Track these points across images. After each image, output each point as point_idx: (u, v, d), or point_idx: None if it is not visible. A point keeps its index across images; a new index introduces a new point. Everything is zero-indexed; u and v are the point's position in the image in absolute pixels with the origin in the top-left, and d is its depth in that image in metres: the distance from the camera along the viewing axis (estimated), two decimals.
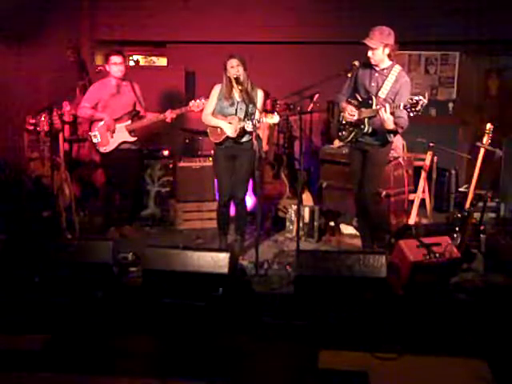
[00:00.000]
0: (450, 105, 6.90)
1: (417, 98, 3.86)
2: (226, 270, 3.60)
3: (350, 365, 3.08)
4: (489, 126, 4.61)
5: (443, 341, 3.31)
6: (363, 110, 4.28)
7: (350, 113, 4.34)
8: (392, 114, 4.10)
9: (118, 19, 7.21)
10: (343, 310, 3.51)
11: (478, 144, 4.65)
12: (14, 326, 3.48)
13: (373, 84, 4.32)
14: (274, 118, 4.33)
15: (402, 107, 3.98)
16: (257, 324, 3.50)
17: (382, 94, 4.26)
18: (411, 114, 3.93)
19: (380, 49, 4.19)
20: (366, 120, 4.29)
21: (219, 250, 4.34)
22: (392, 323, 3.46)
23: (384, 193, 5.27)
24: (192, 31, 7.07)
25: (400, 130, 4.27)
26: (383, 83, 4.27)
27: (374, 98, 4.25)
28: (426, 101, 3.87)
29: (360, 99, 4.36)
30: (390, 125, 4.13)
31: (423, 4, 6.64)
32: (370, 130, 4.33)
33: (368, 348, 3.19)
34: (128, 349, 3.34)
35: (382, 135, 4.34)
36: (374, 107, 4.23)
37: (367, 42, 4.18)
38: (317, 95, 6.01)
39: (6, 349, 3.23)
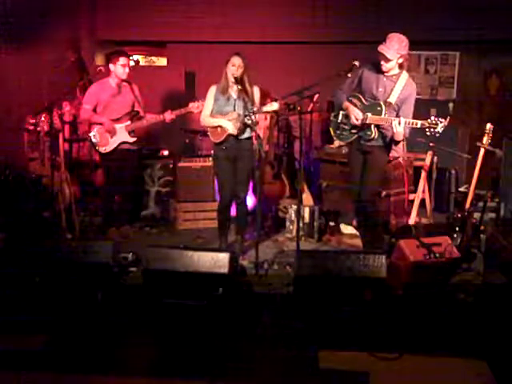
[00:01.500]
0: (450, 105, 6.89)
1: (434, 118, 3.92)
2: (226, 270, 3.60)
3: (350, 365, 3.09)
4: (489, 126, 4.61)
5: (443, 341, 3.31)
6: (370, 115, 4.24)
7: (357, 116, 4.31)
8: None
9: (118, 19, 7.21)
10: (343, 310, 3.51)
11: (478, 144, 4.65)
12: (14, 326, 3.48)
13: (380, 89, 4.28)
14: (274, 105, 4.33)
15: (419, 125, 3.99)
16: (257, 324, 3.50)
17: (392, 100, 4.23)
18: (427, 134, 3.98)
19: (395, 59, 4.17)
20: (373, 126, 4.28)
21: (219, 249, 4.34)
22: (392, 323, 3.46)
23: (384, 193, 5.27)
24: (192, 31, 7.07)
25: (404, 141, 4.28)
26: (392, 90, 4.24)
27: (383, 104, 4.22)
28: (446, 123, 3.93)
29: (365, 102, 4.33)
30: (401, 137, 4.16)
31: (423, 4, 6.64)
32: (376, 137, 4.32)
33: (368, 348, 3.19)
34: (128, 349, 3.34)
35: (384, 137, 4.35)
36: (383, 115, 4.20)
37: (385, 52, 4.11)
38: (317, 95, 6.01)
39: (6, 349, 3.23)
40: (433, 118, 3.96)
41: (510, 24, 6.37)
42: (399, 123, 4.05)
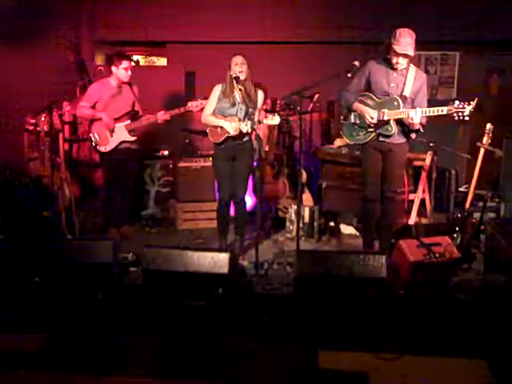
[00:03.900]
0: None
1: (460, 103, 3.96)
2: (225, 270, 3.60)
3: (350, 365, 3.08)
4: (489, 126, 4.61)
5: (443, 341, 3.31)
6: (387, 111, 4.25)
7: (371, 115, 4.31)
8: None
9: (117, 19, 7.21)
10: (343, 310, 3.51)
11: (478, 144, 4.65)
12: (14, 326, 3.48)
13: (392, 85, 4.30)
14: (275, 120, 4.33)
15: (446, 112, 4.02)
16: (256, 324, 3.50)
17: (406, 94, 4.27)
18: (455, 118, 4.00)
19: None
20: (392, 121, 4.29)
21: (219, 249, 4.34)
22: (392, 323, 3.46)
23: None
24: (192, 31, 7.06)
25: (422, 129, 4.29)
26: (404, 83, 4.27)
27: (399, 98, 4.24)
28: (474, 105, 3.97)
29: (378, 100, 4.34)
30: (417, 125, 4.19)
31: (423, 4, 6.65)
32: (396, 132, 4.32)
33: (368, 348, 3.19)
34: (128, 349, 3.34)
35: (404, 133, 4.37)
36: (401, 108, 4.22)
37: (408, 52, 4.12)
38: (317, 95, 6.01)
39: (5, 349, 3.23)
40: (457, 102, 3.98)
41: (510, 24, 6.37)
42: (416, 113, 4.10)
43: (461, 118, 3.99)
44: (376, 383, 2.94)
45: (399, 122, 4.31)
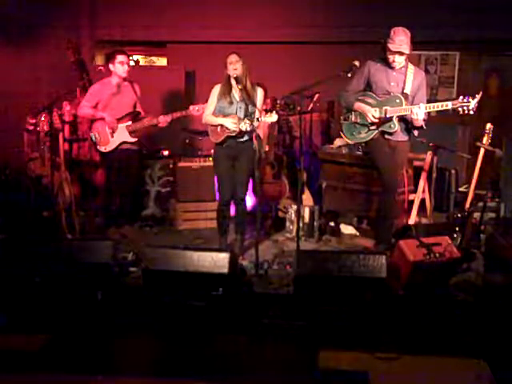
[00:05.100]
0: None
1: (464, 97, 3.96)
2: (225, 270, 3.60)
3: (350, 365, 3.08)
4: (489, 126, 4.61)
5: (443, 341, 3.31)
6: (390, 108, 4.29)
7: (373, 114, 4.34)
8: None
9: (118, 19, 7.21)
10: (343, 310, 3.51)
11: (478, 144, 4.66)
12: (14, 326, 3.48)
13: (393, 83, 4.36)
14: (273, 117, 4.35)
15: (450, 106, 4.03)
16: (256, 324, 3.50)
17: (407, 91, 4.31)
18: (460, 113, 4.02)
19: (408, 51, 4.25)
20: (395, 118, 4.31)
21: (219, 249, 4.33)
22: (392, 323, 3.46)
23: None
24: (192, 31, 7.07)
25: (425, 126, 4.29)
26: (404, 82, 4.33)
27: (401, 96, 4.29)
28: (479, 98, 3.97)
29: (380, 98, 4.38)
30: (420, 122, 4.20)
31: (423, 4, 6.65)
32: (399, 129, 4.36)
33: (368, 348, 3.19)
34: (128, 349, 3.34)
35: (406, 131, 4.41)
36: (403, 105, 4.26)
37: (403, 49, 4.18)
38: (317, 95, 6.01)
39: (6, 349, 3.23)
40: (461, 97, 4.00)
41: (510, 24, 6.38)
42: (420, 109, 4.12)
43: (466, 112, 4.00)
44: (376, 383, 2.94)
45: (402, 119, 4.33)
